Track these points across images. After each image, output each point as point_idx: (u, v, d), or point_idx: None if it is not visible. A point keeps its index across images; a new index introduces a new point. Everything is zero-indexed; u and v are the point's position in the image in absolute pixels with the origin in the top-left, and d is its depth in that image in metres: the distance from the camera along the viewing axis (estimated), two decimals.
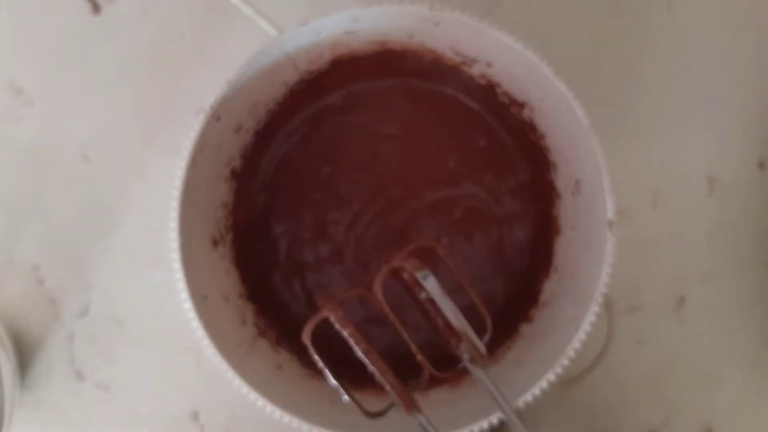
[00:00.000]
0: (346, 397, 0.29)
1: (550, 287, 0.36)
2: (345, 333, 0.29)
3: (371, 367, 0.29)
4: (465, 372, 0.30)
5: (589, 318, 0.30)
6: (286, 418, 0.30)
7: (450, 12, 0.31)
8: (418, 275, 0.29)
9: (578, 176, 0.34)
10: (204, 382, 0.41)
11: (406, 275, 0.30)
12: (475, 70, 0.36)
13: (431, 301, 0.29)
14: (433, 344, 0.31)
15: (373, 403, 0.30)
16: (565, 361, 0.30)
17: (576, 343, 0.30)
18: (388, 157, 0.39)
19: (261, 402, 0.31)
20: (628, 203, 0.40)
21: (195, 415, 0.41)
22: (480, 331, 0.30)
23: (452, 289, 0.30)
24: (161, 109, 0.41)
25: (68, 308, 0.41)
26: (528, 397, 0.30)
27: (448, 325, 0.29)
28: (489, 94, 0.37)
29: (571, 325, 0.31)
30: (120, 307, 0.41)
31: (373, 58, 0.36)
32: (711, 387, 0.41)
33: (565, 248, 0.36)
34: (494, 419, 0.30)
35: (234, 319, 0.35)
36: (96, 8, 0.41)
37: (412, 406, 0.29)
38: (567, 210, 0.36)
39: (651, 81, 0.41)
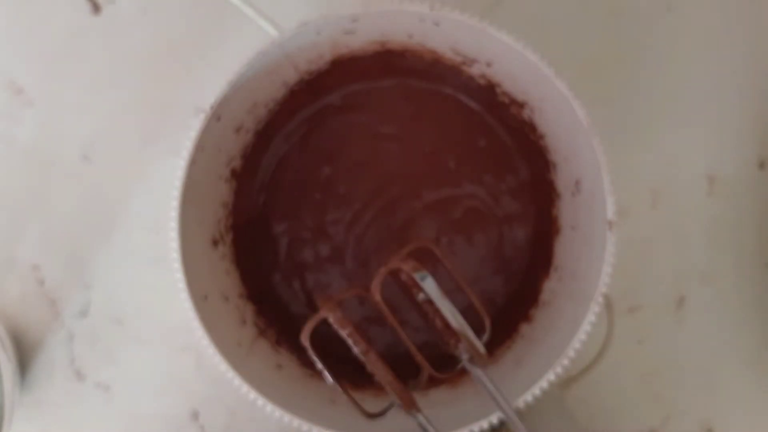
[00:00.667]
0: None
1: (550, 287, 0.36)
2: (344, 333, 0.29)
3: (370, 367, 0.29)
4: (464, 372, 0.30)
5: (589, 318, 0.30)
6: (286, 418, 0.30)
7: (450, 12, 0.31)
8: (416, 276, 0.29)
9: (578, 176, 0.34)
10: (204, 382, 0.41)
11: (404, 276, 0.30)
12: (475, 70, 0.36)
13: (430, 301, 0.29)
14: (433, 344, 0.31)
15: (372, 403, 0.30)
16: (565, 361, 0.30)
17: (576, 343, 0.30)
18: (388, 157, 0.39)
19: (261, 402, 0.31)
20: (628, 203, 0.40)
21: (195, 415, 0.41)
22: (479, 331, 0.30)
23: (451, 290, 0.30)
24: (161, 109, 0.41)
25: (68, 308, 0.41)
26: (528, 397, 0.30)
27: (447, 325, 0.29)
28: (489, 94, 0.37)
29: (571, 325, 0.31)
30: (120, 307, 0.41)
31: (373, 58, 0.36)
32: (711, 387, 0.41)
33: (565, 248, 0.36)
34: (494, 419, 0.30)
35: (234, 319, 0.35)
36: (96, 8, 0.41)
37: (411, 406, 0.29)
38: (567, 210, 0.36)
39: (651, 81, 0.41)
